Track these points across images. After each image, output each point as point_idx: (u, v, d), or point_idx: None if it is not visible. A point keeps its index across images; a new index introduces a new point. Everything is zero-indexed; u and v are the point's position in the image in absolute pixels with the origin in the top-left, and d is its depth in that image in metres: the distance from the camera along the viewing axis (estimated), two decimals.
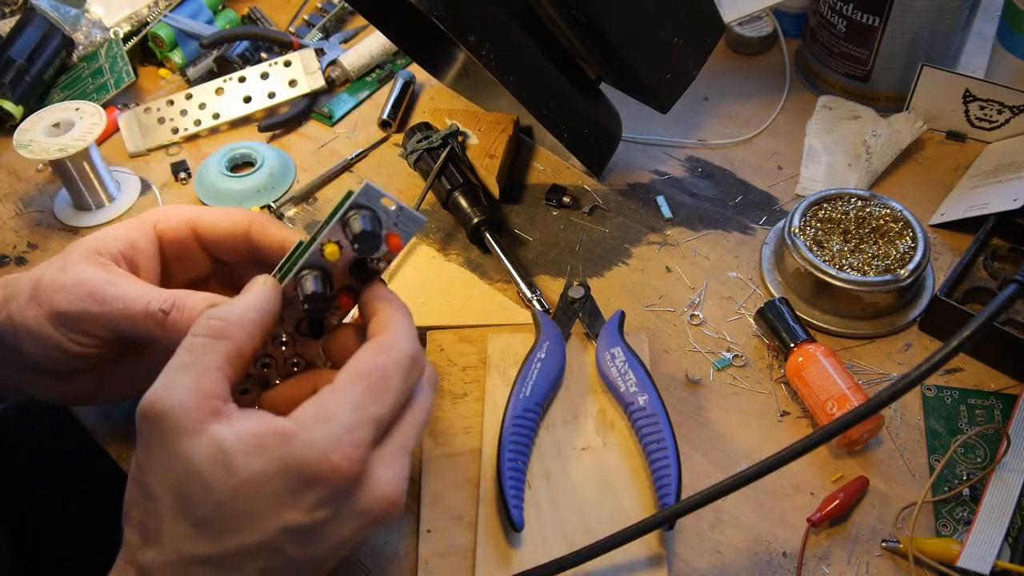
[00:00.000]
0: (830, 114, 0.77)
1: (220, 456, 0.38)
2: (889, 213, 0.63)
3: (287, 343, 0.46)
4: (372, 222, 0.44)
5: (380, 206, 0.44)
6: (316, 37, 0.90)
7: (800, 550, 0.50)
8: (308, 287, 0.44)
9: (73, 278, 0.47)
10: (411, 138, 0.72)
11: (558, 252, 0.68)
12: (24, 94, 0.80)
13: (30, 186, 0.77)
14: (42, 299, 0.47)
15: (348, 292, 0.46)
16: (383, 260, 0.46)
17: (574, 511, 0.51)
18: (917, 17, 0.71)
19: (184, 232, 0.52)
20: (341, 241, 0.44)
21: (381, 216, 0.44)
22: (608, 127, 0.71)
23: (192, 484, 0.38)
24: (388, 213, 0.45)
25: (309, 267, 0.45)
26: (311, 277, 0.44)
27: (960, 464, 0.54)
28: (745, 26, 0.85)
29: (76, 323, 0.47)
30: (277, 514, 0.38)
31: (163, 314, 0.46)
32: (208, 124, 0.80)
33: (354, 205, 0.44)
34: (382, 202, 0.44)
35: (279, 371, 0.47)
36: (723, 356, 0.60)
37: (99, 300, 0.46)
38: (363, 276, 0.46)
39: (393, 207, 0.45)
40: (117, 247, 0.49)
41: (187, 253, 0.53)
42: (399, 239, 0.45)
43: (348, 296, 0.46)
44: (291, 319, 0.46)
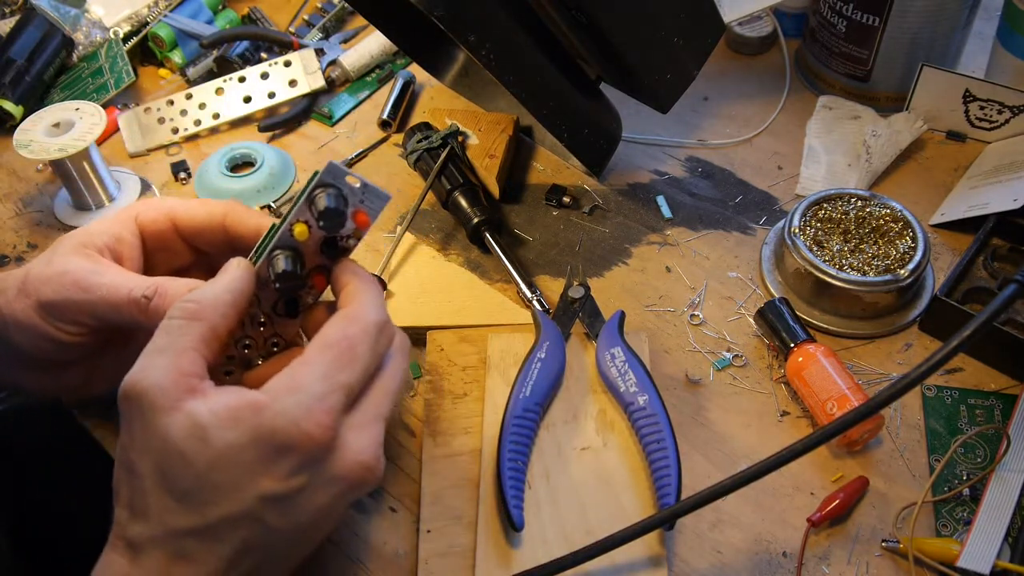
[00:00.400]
0: (830, 114, 0.77)
1: (196, 431, 0.39)
2: (889, 213, 0.63)
3: (265, 324, 0.48)
4: (336, 199, 0.45)
5: (345, 184, 0.46)
6: (316, 37, 0.90)
7: (800, 550, 0.50)
8: (279, 266, 0.46)
9: (59, 269, 0.49)
10: (411, 138, 0.72)
11: (558, 252, 0.68)
12: (24, 94, 0.80)
13: (30, 186, 0.77)
14: (30, 291, 0.49)
15: (321, 271, 0.48)
16: (352, 238, 0.47)
17: (574, 511, 0.51)
18: (917, 17, 0.71)
19: (164, 224, 0.53)
20: (309, 220, 0.46)
21: (346, 194, 0.46)
22: (608, 127, 0.71)
23: (171, 459, 0.39)
24: (353, 190, 0.46)
25: (280, 248, 0.46)
26: (282, 257, 0.46)
27: (960, 464, 0.54)
28: (745, 26, 0.85)
29: (62, 311, 0.49)
30: (254, 483, 0.39)
31: (146, 300, 0.47)
32: (208, 124, 0.80)
33: (319, 184, 0.45)
34: (346, 180, 0.46)
35: (260, 351, 0.48)
36: (723, 356, 0.60)
37: (84, 288, 0.48)
38: (334, 255, 0.47)
39: (357, 184, 0.46)
40: (102, 240, 0.51)
41: (168, 244, 0.54)
42: (366, 215, 0.47)
43: (321, 275, 0.48)
44: (268, 300, 0.47)
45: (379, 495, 0.54)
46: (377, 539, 0.53)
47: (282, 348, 0.49)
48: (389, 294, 0.63)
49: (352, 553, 0.52)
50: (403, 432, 0.58)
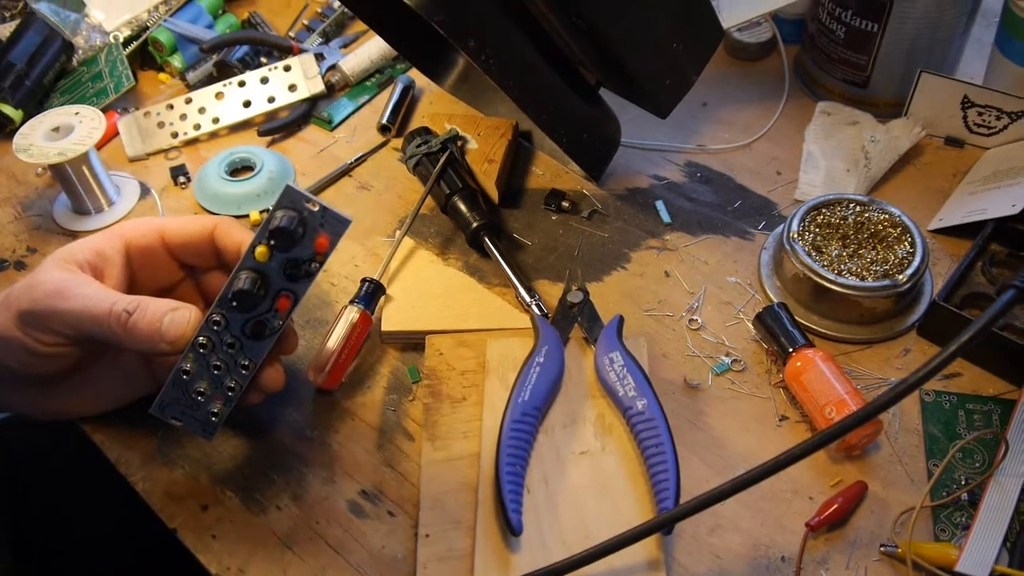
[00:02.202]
0: (829, 120, 0.77)
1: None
2: (888, 218, 0.63)
3: (233, 345, 0.50)
4: (291, 221, 0.46)
5: (304, 207, 0.46)
6: (316, 42, 0.90)
7: (798, 555, 0.50)
8: (236, 285, 0.48)
9: (39, 280, 0.50)
10: (410, 143, 0.72)
11: (557, 257, 0.68)
12: (24, 98, 0.80)
13: (30, 190, 0.77)
14: (11, 303, 0.50)
15: (286, 293, 0.49)
16: (315, 262, 0.48)
17: (573, 515, 0.51)
18: (915, 23, 0.72)
19: (152, 239, 0.54)
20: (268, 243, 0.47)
21: (306, 217, 0.47)
22: (607, 132, 0.72)
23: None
24: (312, 214, 0.47)
25: (245, 268, 0.48)
26: (243, 277, 0.48)
27: (958, 469, 0.54)
28: (744, 32, 0.85)
29: (41, 320, 0.49)
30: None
31: (127, 315, 0.48)
32: (208, 128, 0.80)
33: (277, 207, 0.46)
34: (305, 204, 0.46)
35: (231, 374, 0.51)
36: (722, 361, 0.60)
37: (64, 297, 0.49)
38: (296, 278, 0.48)
39: (316, 208, 0.47)
40: (83, 256, 0.52)
41: (155, 260, 0.55)
42: (326, 240, 0.47)
43: (286, 298, 0.49)
44: (236, 323, 0.49)
45: (378, 500, 0.54)
46: (375, 544, 0.52)
47: (252, 371, 0.51)
48: (388, 298, 0.63)
49: (350, 558, 0.52)
50: (402, 436, 0.58)
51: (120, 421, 0.58)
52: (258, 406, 0.58)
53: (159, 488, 0.56)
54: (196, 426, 0.53)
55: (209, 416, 0.52)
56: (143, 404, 0.58)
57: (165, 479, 0.56)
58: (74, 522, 0.73)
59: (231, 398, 0.52)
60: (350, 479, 0.55)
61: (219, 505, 0.55)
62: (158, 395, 0.52)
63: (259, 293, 0.48)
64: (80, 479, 0.74)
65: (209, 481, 0.56)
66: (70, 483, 0.75)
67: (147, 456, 0.57)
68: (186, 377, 0.51)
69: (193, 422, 0.53)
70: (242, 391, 0.52)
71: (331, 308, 0.65)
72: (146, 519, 0.55)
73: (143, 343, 0.48)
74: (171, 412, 0.52)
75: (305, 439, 0.58)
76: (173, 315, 0.49)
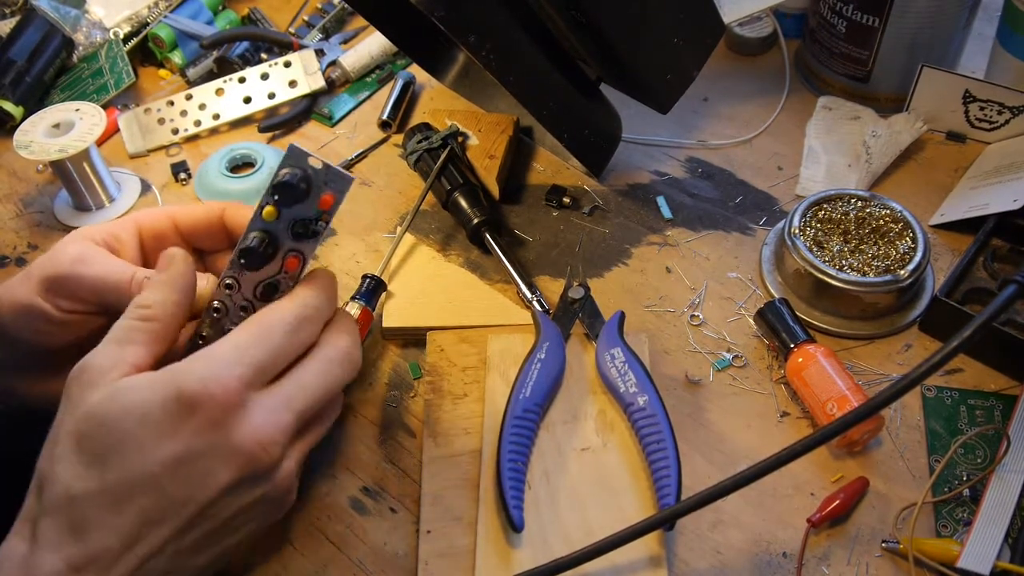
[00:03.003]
0: (830, 115, 0.77)
1: (115, 394, 0.42)
2: (889, 214, 0.63)
3: (246, 308, 0.50)
4: (294, 177, 0.47)
5: (307, 164, 0.47)
6: (316, 38, 0.90)
7: (800, 551, 0.50)
8: (243, 243, 0.48)
9: (62, 249, 0.51)
10: (411, 139, 0.72)
11: (558, 253, 0.68)
12: (24, 95, 0.80)
13: (30, 187, 0.77)
14: (32, 274, 0.51)
15: (294, 254, 0.49)
16: (321, 221, 0.49)
17: (574, 512, 0.51)
18: (917, 18, 0.71)
19: (164, 224, 0.55)
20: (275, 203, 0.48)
21: (310, 175, 0.47)
22: (608, 128, 0.71)
23: (87, 426, 0.42)
24: (317, 172, 0.47)
25: (254, 230, 0.48)
26: (251, 236, 0.48)
27: (960, 465, 0.54)
28: (745, 27, 0.85)
29: (64, 285, 0.50)
30: (157, 444, 0.41)
31: (148, 280, 0.49)
32: (208, 125, 0.80)
33: (281, 165, 0.47)
34: (308, 161, 0.47)
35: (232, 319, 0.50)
36: (723, 356, 0.60)
37: (87, 263, 0.50)
38: (304, 237, 0.49)
39: (319, 165, 0.47)
40: (100, 236, 0.53)
41: (166, 245, 0.55)
42: (331, 197, 0.48)
43: (295, 258, 0.49)
44: (248, 285, 0.49)
45: (380, 496, 0.54)
46: (377, 540, 0.53)
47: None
48: (389, 294, 0.63)
49: (352, 554, 0.52)
50: (403, 433, 0.58)
51: None
52: None
53: None
54: None
55: None
56: None
57: None
58: None
59: None
60: (352, 475, 0.56)
61: None
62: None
63: (267, 252, 0.48)
64: None
65: None
66: None
67: None
68: (201, 343, 0.51)
69: None
70: None
71: None
72: None
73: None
74: None
75: None
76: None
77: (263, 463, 0.43)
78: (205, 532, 0.43)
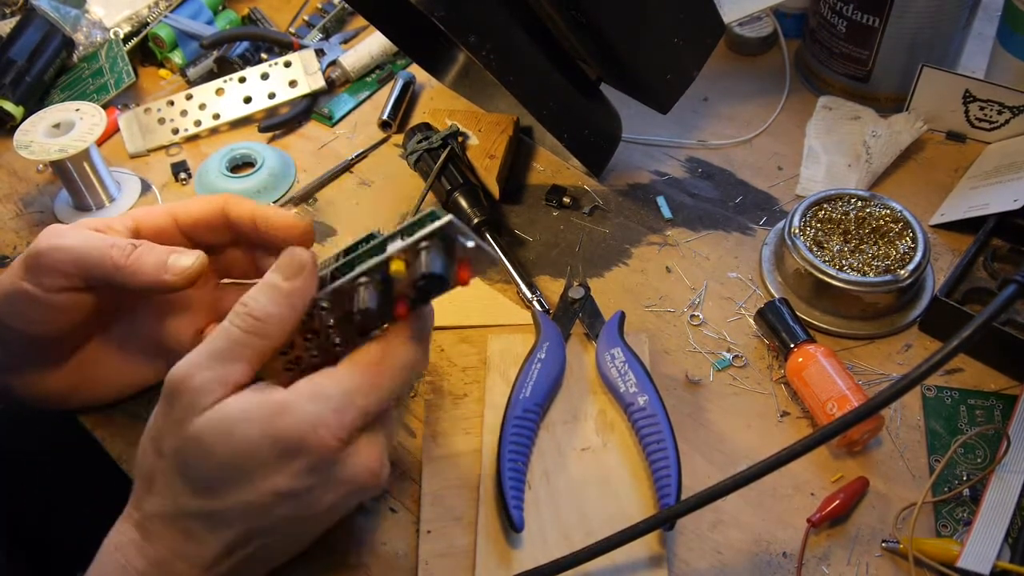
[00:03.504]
0: (830, 115, 0.77)
1: (222, 424, 0.42)
2: (889, 213, 0.63)
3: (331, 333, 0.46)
4: (445, 262, 0.42)
5: (459, 242, 0.42)
6: (316, 38, 0.90)
7: (800, 550, 0.50)
8: (363, 302, 0.43)
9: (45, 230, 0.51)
10: (411, 138, 0.72)
11: (558, 252, 0.68)
12: (24, 95, 0.80)
13: (31, 186, 0.77)
14: (15, 264, 0.51)
15: (407, 302, 0.44)
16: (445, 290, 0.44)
17: (574, 511, 0.51)
18: (917, 17, 0.71)
19: (164, 220, 0.54)
20: (409, 260, 0.42)
21: (456, 248, 0.42)
22: (608, 128, 0.71)
23: (194, 449, 0.42)
24: (465, 249, 0.42)
25: (369, 274, 0.43)
26: (369, 289, 0.43)
27: (960, 464, 0.54)
28: (745, 26, 0.85)
29: (42, 261, 0.49)
30: (266, 479, 0.42)
31: (132, 247, 0.49)
32: (208, 125, 0.80)
33: (432, 234, 0.42)
34: (461, 240, 0.42)
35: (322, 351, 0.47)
36: (723, 356, 0.60)
37: (64, 236, 0.50)
38: (425, 300, 0.44)
39: (471, 244, 0.42)
40: (93, 225, 0.53)
41: (170, 242, 0.55)
42: (468, 273, 0.43)
43: (405, 306, 0.44)
44: (340, 308, 0.45)
45: (380, 496, 0.54)
46: (377, 540, 0.53)
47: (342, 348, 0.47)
48: None
49: (352, 554, 0.52)
50: (403, 433, 0.57)
51: (122, 417, 0.58)
52: None
53: None
54: None
55: None
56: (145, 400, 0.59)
57: None
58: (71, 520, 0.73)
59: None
60: None
61: None
62: None
63: (382, 309, 0.43)
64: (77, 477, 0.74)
65: None
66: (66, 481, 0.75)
67: None
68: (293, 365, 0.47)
69: None
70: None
71: None
72: None
73: (148, 275, 0.49)
74: None
75: None
76: (179, 254, 0.50)
77: (373, 486, 0.45)
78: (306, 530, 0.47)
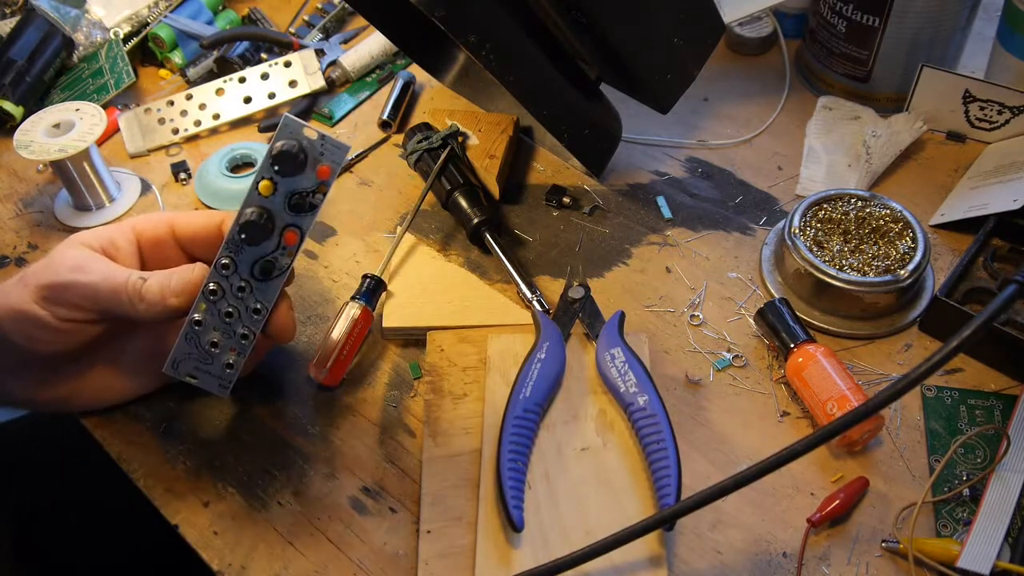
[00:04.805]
0: (830, 115, 0.77)
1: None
2: (889, 213, 0.63)
3: (244, 290, 0.50)
4: (291, 146, 0.47)
5: (303, 136, 0.48)
6: (316, 38, 0.90)
7: (800, 550, 0.50)
8: (242, 217, 0.49)
9: (60, 256, 0.52)
10: (411, 138, 0.72)
11: (558, 252, 0.68)
12: (24, 95, 0.80)
13: (30, 186, 0.77)
14: (28, 280, 0.51)
15: (292, 228, 0.50)
16: (318, 193, 0.49)
17: (574, 511, 0.51)
18: (917, 18, 0.71)
19: (163, 230, 0.55)
20: (272, 176, 0.48)
21: (305, 146, 0.48)
22: (608, 128, 0.71)
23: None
24: (312, 143, 0.48)
25: (251, 206, 0.49)
26: (249, 211, 0.49)
27: (960, 464, 0.54)
28: (745, 27, 0.85)
29: (61, 294, 0.50)
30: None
31: (141, 281, 0.50)
32: (208, 125, 0.80)
33: (277, 138, 0.48)
34: (304, 132, 0.48)
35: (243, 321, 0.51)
36: (723, 356, 0.60)
37: (84, 271, 0.50)
38: (302, 210, 0.49)
39: (315, 136, 0.48)
40: (98, 242, 0.53)
41: (166, 252, 0.56)
42: (328, 168, 0.49)
43: (292, 232, 0.50)
44: (246, 263, 0.50)
45: (380, 496, 0.54)
46: (377, 540, 0.53)
47: (265, 314, 0.52)
48: (389, 294, 0.63)
49: (352, 554, 0.52)
50: (403, 432, 0.58)
51: (122, 417, 0.58)
52: (261, 400, 0.59)
53: (160, 485, 0.56)
54: (211, 382, 0.53)
55: (224, 369, 0.53)
56: (146, 399, 0.59)
57: (167, 475, 0.56)
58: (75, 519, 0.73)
59: (244, 347, 0.52)
60: (351, 475, 0.56)
61: (220, 501, 0.55)
62: (171, 352, 0.52)
63: (266, 226, 0.49)
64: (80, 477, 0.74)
65: (210, 477, 0.56)
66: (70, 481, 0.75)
67: (149, 452, 0.57)
68: (198, 328, 0.51)
69: (208, 378, 0.53)
70: (254, 339, 0.52)
71: (332, 304, 0.65)
72: (147, 516, 0.55)
73: (155, 304, 0.50)
74: (185, 369, 0.52)
75: (306, 435, 0.58)
76: (180, 271, 0.51)
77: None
78: None
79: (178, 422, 0.58)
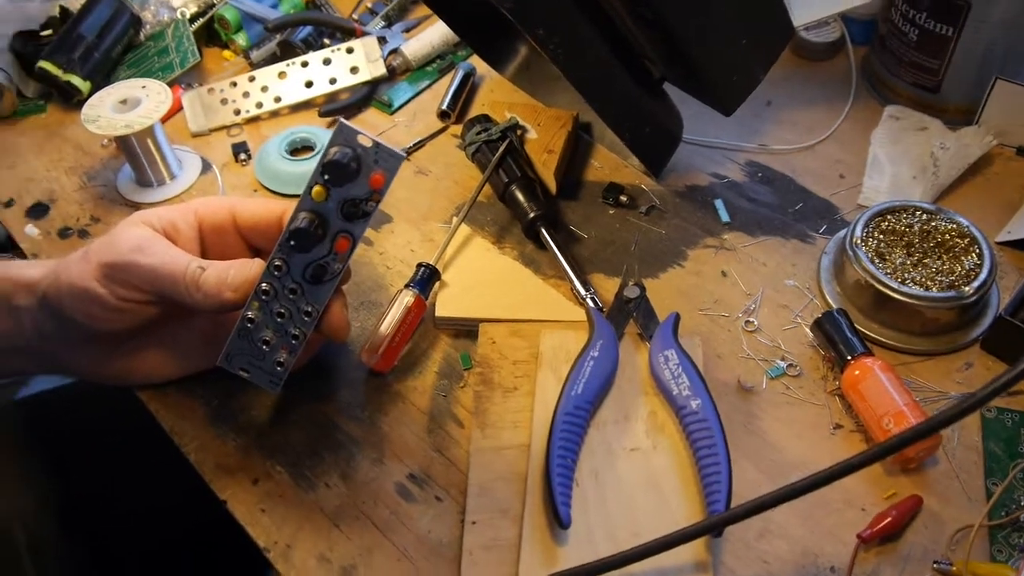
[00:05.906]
0: (896, 124, 0.75)
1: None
2: (955, 228, 0.61)
3: (296, 292, 0.50)
4: (344, 155, 0.47)
5: (357, 143, 0.47)
6: (379, 25, 0.90)
7: (849, 566, 0.49)
8: (293, 224, 0.49)
9: (122, 235, 0.52)
10: (470, 130, 0.72)
11: (613, 251, 0.67)
12: (92, 70, 0.81)
13: (95, 160, 0.78)
14: (91, 256, 0.51)
15: (344, 235, 0.50)
16: (371, 201, 0.49)
17: (622, 512, 0.51)
18: (992, 29, 0.70)
19: (224, 217, 0.55)
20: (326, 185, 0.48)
21: (360, 153, 0.47)
22: (669, 127, 0.71)
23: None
24: (367, 151, 0.47)
25: (304, 210, 0.49)
26: (301, 216, 0.49)
27: (1018, 489, 0.52)
28: (812, 31, 0.83)
29: (121, 273, 0.51)
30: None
31: (200, 270, 0.50)
32: (269, 107, 0.81)
33: (330, 144, 0.47)
34: (359, 139, 0.47)
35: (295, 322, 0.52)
36: (777, 364, 0.60)
37: (145, 252, 0.51)
38: (355, 217, 0.49)
39: (369, 144, 0.47)
40: (160, 223, 0.54)
41: (224, 239, 0.56)
42: (381, 176, 0.48)
43: (345, 239, 0.50)
44: (298, 266, 0.50)
45: (426, 484, 0.55)
46: (421, 527, 0.53)
47: (316, 316, 0.52)
48: (443, 284, 0.63)
49: (396, 540, 0.52)
50: (451, 422, 0.58)
51: (177, 391, 0.59)
52: (312, 383, 0.59)
53: (211, 460, 0.56)
54: (263, 377, 0.53)
55: (275, 366, 0.53)
56: (200, 375, 0.59)
57: (217, 451, 0.57)
58: (123, 494, 0.75)
59: (295, 346, 0.53)
60: (399, 461, 0.56)
61: (269, 480, 0.55)
62: (225, 345, 0.52)
63: (317, 232, 0.49)
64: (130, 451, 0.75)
65: (260, 455, 0.56)
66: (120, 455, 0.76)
67: (201, 427, 0.58)
68: (251, 325, 0.51)
69: (260, 373, 0.53)
70: (305, 339, 0.52)
71: (386, 291, 0.65)
72: (196, 491, 0.56)
73: (211, 297, 0.50)
74: (238, 363, 0.53)
75: (356, 419, 0.58)
76: (238, 266, 0.51)
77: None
78: None
79: (230, 399, 0.59)
